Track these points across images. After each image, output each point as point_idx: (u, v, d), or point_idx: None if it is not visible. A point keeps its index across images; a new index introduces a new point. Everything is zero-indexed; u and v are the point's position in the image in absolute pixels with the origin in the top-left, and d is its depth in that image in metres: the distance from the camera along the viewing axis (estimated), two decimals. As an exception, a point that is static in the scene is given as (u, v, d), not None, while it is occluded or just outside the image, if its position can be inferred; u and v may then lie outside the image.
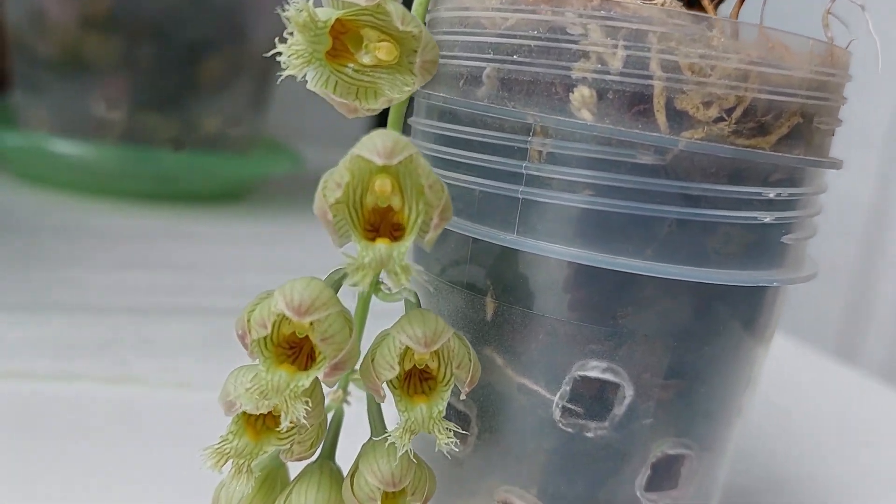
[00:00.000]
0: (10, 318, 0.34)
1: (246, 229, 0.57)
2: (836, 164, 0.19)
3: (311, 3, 0.15)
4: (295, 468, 0.20)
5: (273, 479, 0.19)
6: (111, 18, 0.55)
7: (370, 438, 0.19)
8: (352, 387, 0.21)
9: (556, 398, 0.18)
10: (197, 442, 0.27)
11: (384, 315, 0.19)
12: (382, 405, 0.19)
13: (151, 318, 0.37)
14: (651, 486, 0.19)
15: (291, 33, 0.15)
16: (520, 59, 0.17)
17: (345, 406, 0.21)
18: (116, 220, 0.53)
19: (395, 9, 0.15)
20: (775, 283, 0.18)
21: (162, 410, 0.29)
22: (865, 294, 0.68)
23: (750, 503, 0.29)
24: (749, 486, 0.31)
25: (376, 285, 0.19)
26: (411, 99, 0.19)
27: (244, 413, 0.17)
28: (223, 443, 0.17)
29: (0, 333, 0.33)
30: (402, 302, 0.20)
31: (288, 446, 0.18)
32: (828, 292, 0.72)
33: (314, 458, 0.19)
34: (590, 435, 0.18)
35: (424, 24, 0.18)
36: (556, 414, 0.18)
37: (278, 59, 0.15)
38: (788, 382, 0.43)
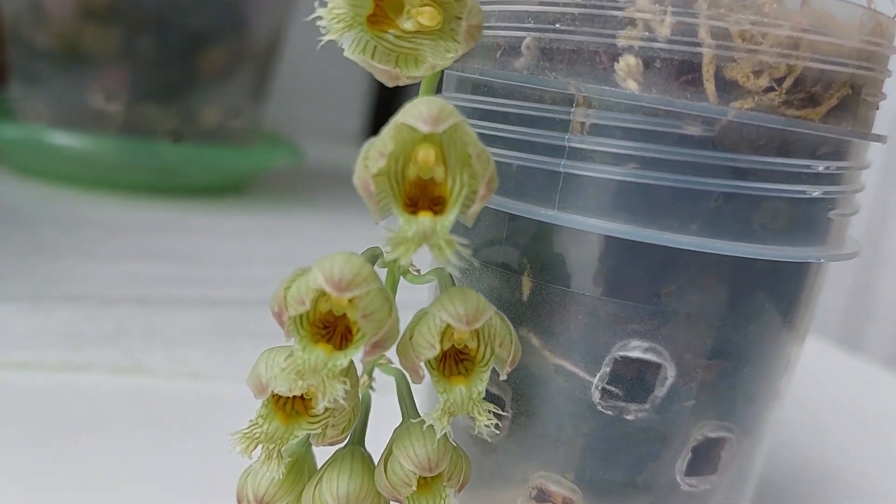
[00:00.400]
0: (16, 309, 0.34)
1: (246, 222, 0.56)
2: (881, 139, 0.19)
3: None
4: (321, 456, 0.19)
5: (300, 465, 0.19)
6: (110, 9, 0.54)
7: (402, 423, 0.18)
8: (376, 372, 0.20)
9: (595, 380, 0.18)
10: (207, 432, 0.27)
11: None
12: (400, 396, 0.19)
13: (158, 309, 0.36)
14: (691, 470, 0.18)
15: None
16: (562, 28, 0.16)
17: (370, 392, 0.20)
18: (116, 212, 0.52)
19: (441, -31, 0.14)
20: (822, 260, 0.18)
21: (172, 401, 0.29)
22: (868, 285, 0.68)
23: (765, 489, 0.29)
24: (769, 475, 0.30)
25: (406, 268, 0.18)
26: (442, 73, 0.18)
27: (273, 396, 0.17)
28: (253, 427, 0.17)
29: (7, 325, 0.32)
30: (432, 282, 0.19)
31: (320, 430, 0.17)
32: (831, 283, 0.72)
33: (343, 444, 0.18)
34: (630, 418, 0.18)
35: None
36: (595, 396, 0.18)
37: (318, 23, 0.14)
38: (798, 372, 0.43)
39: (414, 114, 0.14)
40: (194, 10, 0.56)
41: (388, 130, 0.14)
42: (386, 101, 1.01)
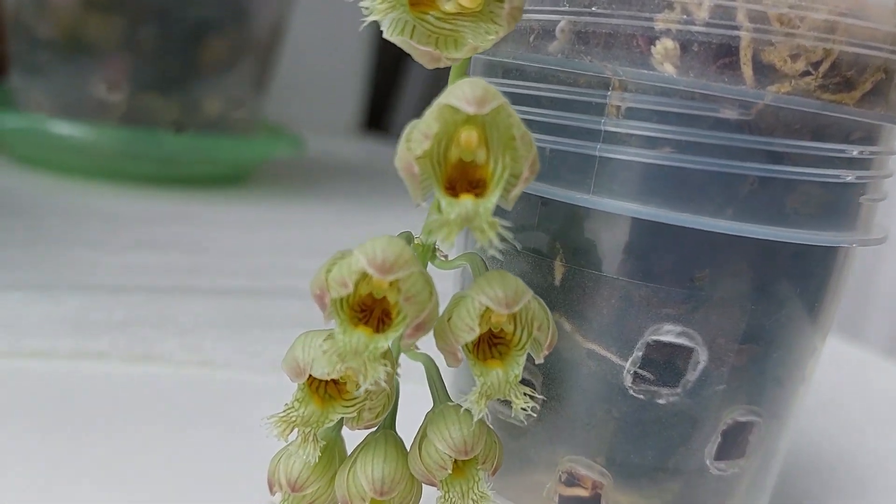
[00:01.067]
0: (27, 298, 0.33)
1: (249, 212, 0.56)
2: (911, 125, 0.19)
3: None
4: (350, 442, 0.19)
5: (332, 450, 0.19)
6: (113, -1, 0.54)
7: (434, 406, 0.18)
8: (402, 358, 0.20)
9: (627, 364, 0.18)
10: (222, 419, 0.27)
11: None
12: (430, 381, 0.19)
13: (168, 298, 0.36)
14: (720, 454, 0.19)
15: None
16: (599, 11, 0.16)
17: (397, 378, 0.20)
18: (119, 202, 0.52)
19: (485, -49, 0.14)
20: (853, 244, 0.18)
21: (186, 388, 0.29)
22: (870, 275, 0.68)
23: (788, 480, 0.29)
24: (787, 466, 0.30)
25: (434, 252, 0.18)
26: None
27: (309, 380, 0.17)
28: (289, 411, 0.17)
29: (19, 313, 0.32)
30: (461, 268, 0.19)
31: (355, 414, 0.17)
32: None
33: (374, 429, 0.18)
34: (661, 402, 0.18)
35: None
36: (627, 380, 0.18)
37: (361, 5, 0.14)
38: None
39: (458, 95, 0.14)
40: (196, 1, 0.56)
41: (431, 112, 0.14)
42: (383, 94, 1.00)
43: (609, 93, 0.17)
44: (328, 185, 0.70)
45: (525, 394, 0.16)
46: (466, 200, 0.15)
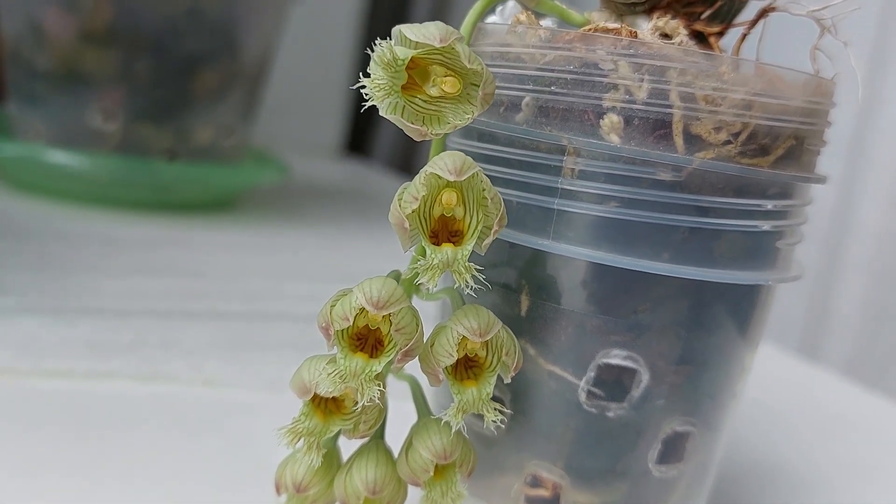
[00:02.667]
0: (42, 322, 0.36)
1: (238, 236, 0.59)
2: (821, 180, 0.22)
3: (391, 43, 0.17)
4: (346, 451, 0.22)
5: (330, 457, 0.22)
6: (109, 33, 0.57)
7: (418, 420, 0.21)
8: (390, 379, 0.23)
9: (581, 383, 0.21)
10: (223, 432, 0.30)
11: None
12: (415, 398, 0.22)
13: (171, 321, 0.39)
14: (661, 459, 0.22)
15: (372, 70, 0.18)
16: (557, 90, 0.20)
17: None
18: (116, 227, 0.55)
19: (463, 49, 0.17)
20: (770, 282, 0.21)
21: (190, 405, 0.31)
22: (828, 295, 0.71)
23: (729, 485, 0.32)
24: (732, 471, 0.34)
25: (417, 287, 0.21)
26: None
27: (313, 398, 0.20)
28: (296, 423, 0.20)
29: (35, 336, 0.35)
30: (442, 300, 0.22)
31: (352, 426, 0.20)
32: (793, 294, 0.76)
33: (367, 439, 0.22)
34: (610, 415, 0.21)
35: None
36: (582, 397, 0.21)
37: (362, 90, 0.17)
38: (754, 374, 0.47)
39: (441, 166, 0.17)
40: (189, 35, 0.59)
41: (419, 178, 0.18)
42: (364, 119, 1.04)
43: (564, 157, 0.20)
44: (312, 207, 0.73)
45: (495, 408, 0.19)
46: (447, 248, 0.18)
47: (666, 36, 0.21)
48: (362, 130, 1.08)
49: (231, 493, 0.26)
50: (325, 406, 0.20)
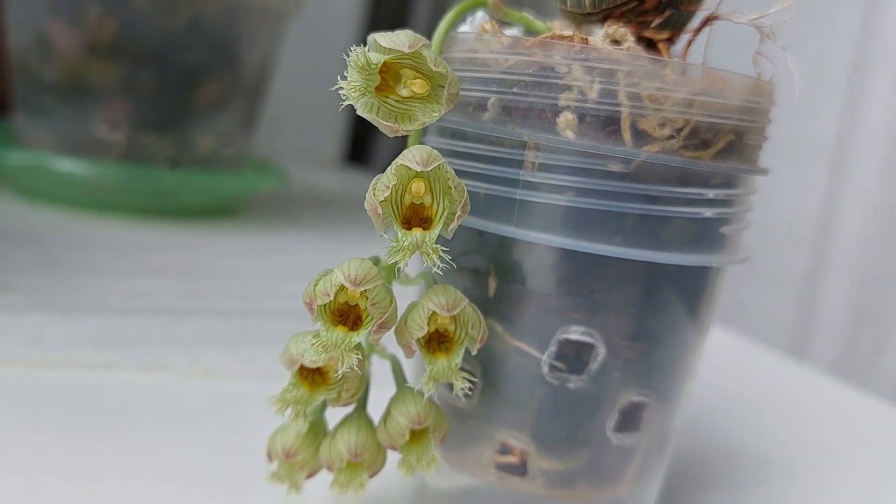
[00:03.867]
0: (50, 319, 0.38)
1: (238, 241, 0.61)
2: (762, 171, 0.25)
3: (366, 49, 0.20)
4: (331, 420, 0.24)
5: (317, 427, 0.24)
6: (114, 46, 0.59)
7: (397, 391, 0.23)
8: (374, 359, 0.26)
9: (544, 357, 0.23)
10: (221, 420, 0.32)
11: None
12: (380, 373, 0.24)
13: (172, 318, 0.41)
14: (619, 427, 0.24)
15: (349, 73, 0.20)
16: (518, 91, 0.22)
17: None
18: (120, 233, 0.57)
19: (429, 54, 0.20)
20: (714, 264, 0.24)
21: (190, 395, 0.34)
22: (814, 299, 0.73)
23: (702, 466, 0.34)
24: (702, 452, 0.36)
25: (398, 273, 0.23)
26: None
27: (301, 368, 0.22)
28: (284, 393, 0.22)
29: (44, 332, 0.37)
30: (418, 285, 0.24)
31: (336, 394, 0.22)
32: (780, 297, 0.78)
33: (350, 409, 0.24)
34: (571, 386, 0.23)
35: (441, 62, 0.23)
36: (545, 370, 0.23)
37: (341, 92, 0.20)
38: (739, 372, 0.49)
39: (410, 158, 0.20)
40: (191, 48, 0.61)
41: (390, 169, 0.20)
42: (363, 129, 1.06)
43: (525, 152, 0.22)
44: (311, 214, 0.75)
45: (463, 377, 0.22)
46: (416, 232, 0.20)
47: (616, 42, 0.23)
48: (362, 140, 1.10)
49: (228, 474, 0.28)
50: (311, 377, 0.22)
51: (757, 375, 0.50)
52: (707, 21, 0.24)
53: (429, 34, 0.24)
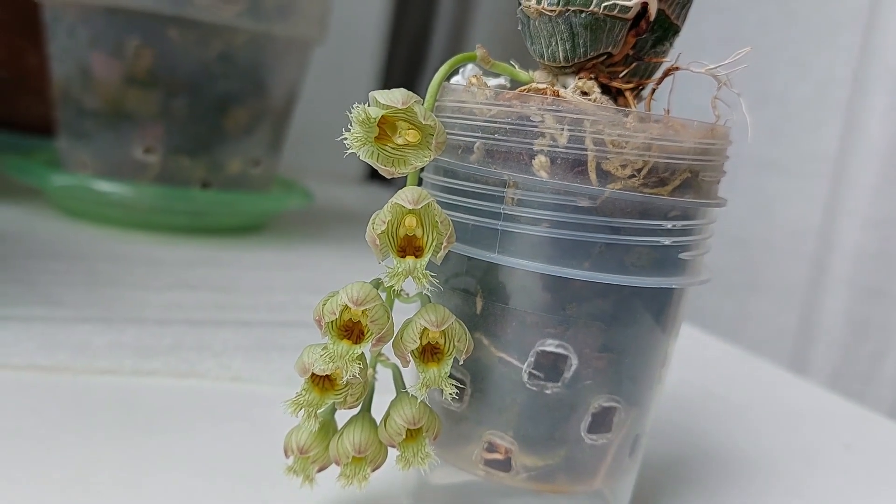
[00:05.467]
0: (94, 329, 0.42)
1: (266, 256, 0.65)
2: (719, 204, 0.28)
3: (365, 105, 0.23)
4: (340, 421, 0.28)
5: (327, 427, 0.27)
6: (151, 75, 0.64)
7: (396, 396, 0.27)
8: (378, 368, 0.29)
9: (524, 367, 0.27)
10: (248, 421, 0.35)
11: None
12: (385, 381, 0.28)
13: (204, 328, 0.45)
14: (591, 429, 0.27)
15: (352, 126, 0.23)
16: (499, 137, 0.26)
17: (374, 381, 0.29)
18: (157, 249, 0.61)
19: (420, 109, 0.23)
20: (674, 286, 0.27)
21: (221, 398, 0.37)
22: (814, 310, 0.76)
23: (685, 466, 0.37)
24: (687, 453, 0.39)
25: (398, 292, 0.27)
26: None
27: (312, 375, 0.25)
28: (298, 397, 0.25)
29: (89, 341, 0.41)
30: (416, 303, 0.28)
31: (342, 398, 0.26)
32: (783, 308, 0.80)
33: (356, 411, 0.27)
34: (548, 392, 0.27)
35: (433, 111, 0.27)
36: (525, 378, 0.27)
37: (345, 143, 0.23)
38: (731, 379, 0.52)
39: (402, 197, 0.23)
40: (222, 77, 0.65)
41: (386, 207, 0.23)
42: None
43: (506, 189, 0.26)
44: (333, 230, 0.79)
45: (452, 384, 0.25)
46: (409, 260, 0.24)
47: (585, 93, 0.26)
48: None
49: (252, 467, 0.31)
50: (322, 383, 0.26)
51: (748, 382, 0.53)
52: (669, 72, 0.28)
53: (447, 59, 0.27)
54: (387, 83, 1.03)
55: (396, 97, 0.23)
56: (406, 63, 1.04)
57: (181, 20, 0.62)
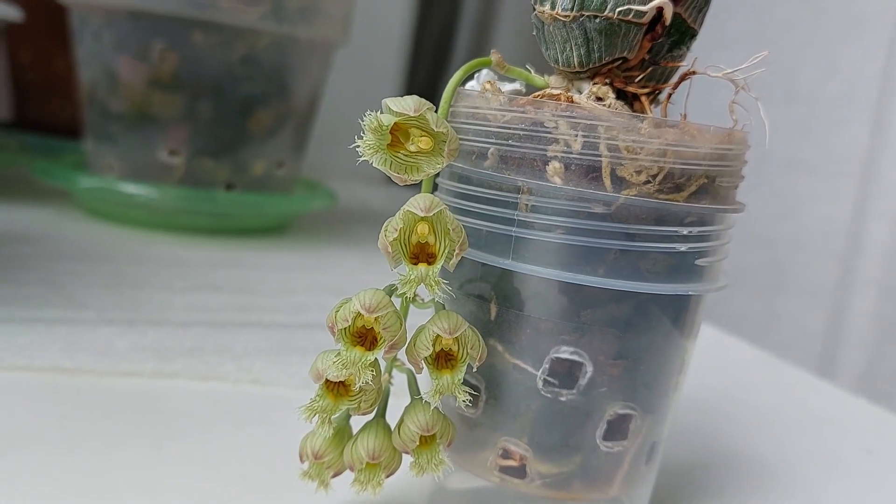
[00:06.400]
0: (117, 331, 0.43)
1: (290, 258, 0.66)
2: (737, 209, 0.28)
3: (378, 113, 0.23)
4: (356, 427, 0.28)
5: (342, 431, 0.27)
6: (175, 79, 0.64)
7: (410, 402, 0.27)
8: (394, 373, 0.29)
9: (539, 373, 0.26)
10: (268, 423, 0.36)
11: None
12: (402, 385, 0.28)
13: (225, 330, 0.45)
14: (607, 436, 0.27)
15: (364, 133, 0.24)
16: (513, 143, 0.25)
17: (390, 386, 0.29)
18: (181, 251, 0.62)
19: (432, 116, 0.23)
20: (689, 293, 0.27)
21: (240, 401, 0.38)
22: (843, 311, 0.75)
23: (704, 471, 0.37)
24: (706, 458, 0.38)
25: (413, 298, 0.27)
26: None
27: (326, 381, 0.26)
28: (312, 403, 0.26)
29: (112, 343, 0.41)
30: (431, 308, 0.28)
31: (356, 404, 0.26)
32: (812, 308, 0.79)
33: (371, 417, 0.27)
34: (563, 399, 0.27)
35: (447, 116, 0.26)
36: (539, 384, 0.27)
37: (358, 150, 0.23)
38: (755, 383, 0.51)
39: (414, 205, 0.23)
40: (245, 79, 0.66)
41: (399, 214, 0.23)
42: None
43: (520, 195, 0.26)
44: (358, 232, 0.79)
45: (465, 391, 0.25)
46: (421, 267, 0.24)
47: (599, 99, 0.26)
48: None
49: (270, 470, 0.31)
50: (336, 389, 0.26)
51: (771, 386, 0.52)
52: (685, 76, 0.28)
53: (470, 59, 0.27)
54: (410, 84, 1.04)
55: (409, 104, 0.23)
56: (430, 64, 1.04)
57: (205, 23, 0.62)
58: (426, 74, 1.08)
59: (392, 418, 0.27)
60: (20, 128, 0.89)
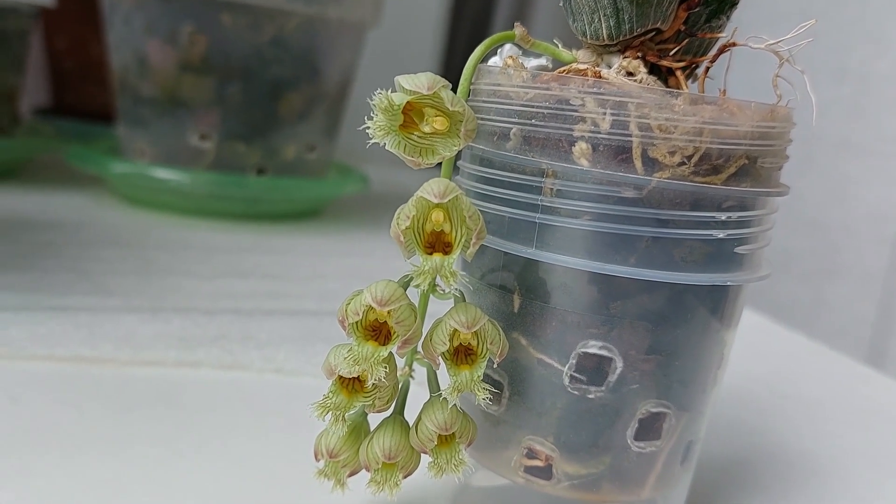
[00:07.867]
0: (141, 319, 0.42)
1: (322, 243, 0.64)
2: (781, 192, 0.26)
3: (389, 91, 0.22)
4: (373, 423, 0.27)
5: (358, 428, 0.26)
6: (205, 63, 0.63)
7: (429, 398, 0.25)
8: (415, 365, 0.28)
9: (565, 369, 0.25)
10: (291, 413, 0.34)
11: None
12: (429, 379, 0.26)
13: (250, 318, 0.44)
14: (639, 436, 0.25)
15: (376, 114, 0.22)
16: (537, 122, 0.24)
17: (410, 379, 0.27)
18: (211, 236, 0.61)
19: (447, 94, 0.22)
20: (728, 283, 0.25)
21: (263, 390, 0.37)
22: (895, 295, 0.72)
23: (748, 468, 0.35)
24: (750, 455, 0.36)
25: (434, 287, 0.25)
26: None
27: (340, 377, 0.24)
28: (325, 399, 0.24)
29: (136, 331, 0.41)
30: (452, 299, 0.26)
31: (371, 401, 0.24)
32: (863, 295, 0.76)
33: (388, 413, 0.26)
34: (591, 396, 0.25)
35: (468, 95, 0.25)
36: (566, 381, 0.25)
37: (367, 131, 0.22)
38: (804, 375, 0.49)
39: (428, 190, 0.22)
40: (275, 62, 0.65)
41: (412, 201, 0.22)
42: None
43: (544, 179, 0.24)
44: (390, 217, 0.78)
45: (484, 388, 0.23)
46: (436, 257, 0.22)
47: (630, 74, 0.24)
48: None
49: (293, 460, 0.30)
50: (350, 385, 0.25)
51: (819, 376, 0.50)
52: (724, 48, 0.26)
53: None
54: (447, 64, 1.02)
55: (422, 82, 0.22)
56: (468, 43, 1.02)
57: (233, 5, 0.61)
58: (464, 54, 1.06)
59: (413, 412, 0.26)
60: (57, 114, 0.89)
